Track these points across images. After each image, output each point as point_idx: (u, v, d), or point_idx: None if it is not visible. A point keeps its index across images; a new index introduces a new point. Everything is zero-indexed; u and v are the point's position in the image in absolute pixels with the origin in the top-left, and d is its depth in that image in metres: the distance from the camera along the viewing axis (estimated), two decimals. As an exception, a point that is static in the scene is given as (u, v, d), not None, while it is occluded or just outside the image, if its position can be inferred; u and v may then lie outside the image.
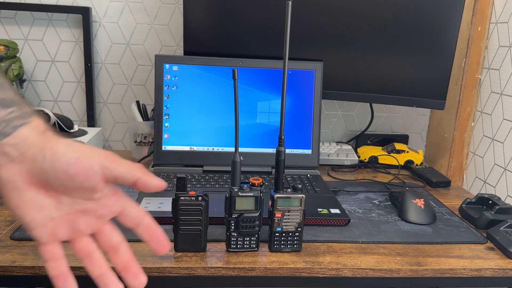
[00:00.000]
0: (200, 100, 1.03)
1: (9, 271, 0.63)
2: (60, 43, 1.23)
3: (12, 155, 0.41)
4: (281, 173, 0.69)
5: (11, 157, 0.41)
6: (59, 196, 0.43)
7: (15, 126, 0.41)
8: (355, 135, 1.34)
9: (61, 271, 0.44)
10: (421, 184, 1.07)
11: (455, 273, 0.70)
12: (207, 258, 0.68)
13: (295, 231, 0.70)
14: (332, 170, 1.14)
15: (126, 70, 1.26)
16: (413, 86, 1.11)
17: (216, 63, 1.02)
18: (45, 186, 0.43)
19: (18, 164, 0.41)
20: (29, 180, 0.42)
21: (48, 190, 0.43)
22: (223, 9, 1.08)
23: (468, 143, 1.22)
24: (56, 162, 0.41)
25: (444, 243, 0.77)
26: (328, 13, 1.07)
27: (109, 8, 1.22)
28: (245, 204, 0.68)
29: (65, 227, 0.44)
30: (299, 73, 1.05)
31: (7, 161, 0.41)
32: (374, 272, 0.68)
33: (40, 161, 0.41)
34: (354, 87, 1.13)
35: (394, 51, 1.09)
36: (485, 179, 1.14)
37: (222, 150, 1.04)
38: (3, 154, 0.41)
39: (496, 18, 1.11)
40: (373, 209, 0.90)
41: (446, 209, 0.92)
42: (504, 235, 0.76)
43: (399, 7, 1.06)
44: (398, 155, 1.19)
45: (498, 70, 1.10)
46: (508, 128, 1.05)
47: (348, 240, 0.76)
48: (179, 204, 0.66)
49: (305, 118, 1.06)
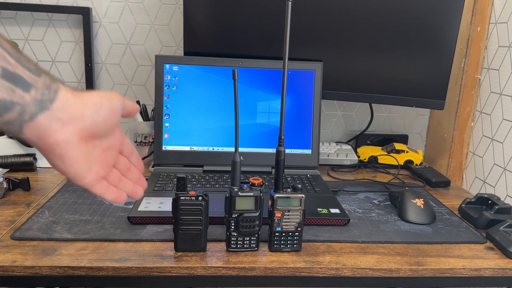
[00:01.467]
0: (200, 100, 1.03)
1: (9, 271, 0.64)
2: (61, 43, 1.23)
3: (64, 119, 0.43)
4: (281, 173, 0.69)
5: (64, 120, 0.43)
6: (93, 141, 0.48)
7: (55, 91, 0.43)
8: (355, 135, 1.34)
9: (116, 193, 0.52)
10: (421, 184, 1.08)
11: (454, 273, 0.70)
12: (207, 258, 0.68)
13: (295, 231, 0.71)
14: (332, 170, 1.15)
15: (127, 70, 1.26)
16: (412, 86, 1.11)
17: (216, 63, 1.03)
18: (87, 137, 0.46)
19: (71, 125, 0.44)
20: (81, 136, 0.45)
21: (88, 139, 0.47)
22: (223, 9, 1.08)
23: (468, 143, 1.22)
24: (101, 112, 0.46)
25: (444, 243, 0.77)
26: (328, 13, 1.07)
27: (109, 9, 1.22)
28: (245, 204, 0.68)
29: (101, 165, 0.50)
30: (299, 73, 1.05)
31: (61, 125, 0.43)
32: (374, 272, 0.69)
33: (89, 116, 0.45)
34: (354, 87, 1.13)
35: (394, 51, 1.09)
36: (485, 179, 1.14)
37: (222, 150, 1.04)
38: (57, 119, 0.43)
39: (496, 18, 1.12)
40: (373, 209, 0.90)
41: (446, 209, 0.92)
42: (503, 235, 0.76)
43: (399, 7, 1.06)
44: (398, 155, 1.19)
45: (498, 70, 1.10)
46: (508, 128, 1.06)
47: (348, 240, 0.76)
48: (179, 204, 0.66)
49: (305, 118, 1.06)
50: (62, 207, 0.83)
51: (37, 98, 0.41)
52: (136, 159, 0.57)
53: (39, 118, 0.42)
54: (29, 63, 0.42)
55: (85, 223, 0.77)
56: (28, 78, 0.41)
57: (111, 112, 0.48)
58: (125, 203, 0.85)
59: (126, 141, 0.55)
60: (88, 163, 0.47)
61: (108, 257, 0.67)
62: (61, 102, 0.43)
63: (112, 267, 0.65)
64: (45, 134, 0.43)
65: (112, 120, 0.48)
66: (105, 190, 0.51)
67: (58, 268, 0.64)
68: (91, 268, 0.64)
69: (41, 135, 0.43)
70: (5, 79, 0.39)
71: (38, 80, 0.42)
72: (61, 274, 0.64)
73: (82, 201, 0.86)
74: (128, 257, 0.67)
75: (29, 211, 0.81)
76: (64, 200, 0.86)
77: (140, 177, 0.57)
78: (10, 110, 0.40)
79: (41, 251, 0.67)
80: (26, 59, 0.42)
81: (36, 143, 0.44)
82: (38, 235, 0.72)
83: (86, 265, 0.65)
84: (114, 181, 0.53)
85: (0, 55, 0.39)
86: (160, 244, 0.71)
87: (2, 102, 0.39)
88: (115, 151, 0.53)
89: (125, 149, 0.55)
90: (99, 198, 0.87)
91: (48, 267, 0.64)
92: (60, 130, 0.43)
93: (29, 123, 0.42)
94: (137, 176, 0.57)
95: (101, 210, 0.82)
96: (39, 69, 0.43)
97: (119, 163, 0.54)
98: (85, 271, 0.65)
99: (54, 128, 0.43)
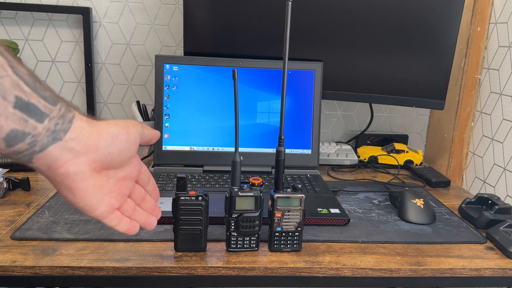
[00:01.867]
0: (200, 100, 1.03)
1: (9, 271, 0.64)
2: (61, 43, 1.23)
3: (76, 149, 0.42)
4: (281, 173, 0.69)
5: (76, 151, 0.42)
6: (107, 172, 0.47)
7: (70, 120, 0.42)
8: (355, 135, 1.34)
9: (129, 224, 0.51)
10: (421, 184, 1.08)
11: (454, 273, 0.70)
12: (207, 258, 0.68)
13: (295, 231, 0.70)
14: (332, 170, 1.15)
15: (126, 70, 1.26)
16: (412, 86, 1.11)
17: (216, 63, 1.03)
18: (100, 168, 0.45)
19: (84, 156, 0.43)
20: (93, 167, 0.44)
21: (101, 170, 0.45)
22: (223, 9, 1.08)
23: (468, 143, 1.22)
24: (116, 143, 0.45)
25: (444, 243, 0.77)
26: (328, 13, 1.07)
27: (109, 8, 1.22)
28: (245, 204, 0.68)
29: (115, 196, 0.49)
30: (299, 73, 1.05)
31: (73, 156, 0.42)
32: (374, 272, 0.69)
33: (104, 146, 0.44)
34: (354, 87, 1.13)
35: (393, 51, 1.09)
36: (485, 179, 1.14)
37: (222, 150, 1.04)
38: (69, 150, 0.42)
39: (496, 18, 1.12)
40: (373, 209, 0.90)
41: (446, 209, 0.92)
42: (503, 235, 0.76)
43: (399, 7, 1.06)
44: (398, 155, 1.19)
45: (498, 70, 1.10)
46: (508, 128, 1.05)
47: (348, 240, 0.76)
48: (179, 204, 0.66)
49: (305, 118, 1.06)
50: (62, 207, 0.83)
51: (50, 128, 0.40)
52: (152, 187, 0.55)
53: (49, 149, 0.40)
54: (46, 90, 0.40)
55: (85, 223, 0.77)
56: (43, 108, 0.39)
57: (127, 143, 0.46)
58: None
59: (143, 170, 0.53)
60: (101, 195, 0.46)
61: (108, 257, 0.67)
62: (75, 132, 0.42)
63: (112, 267, 0.65)
64: (55, 164, 0.41)
65: (128, 151, 0.47)
66: (118, 221, 0.50)
67: (58, 268, 0.64)
68: (91, 268, 0.64)
69: (50, 165, 0.41)
70: (18, 109, 0.38)
71: (53, 109, 0.40)
72: (61, 274, 0.64)
73: (82, 201, 0.86)
74: (128, 257, 0.67)
75: (29, 211, 0.81)
76: (64, 200, 0.86)
77: (155, 206, 0.56)
78: (21, 141, 0.38)
79: (41, 251, 0.67)
80: (42, 87, 0.40)
81: (45, 173, 0.42)
82: (38, 235, 0.72)
83: (86, 265, 0.65)
84: (128, 212, 0.51)
85: (14, 83, 0.37)
86: (160, 244, 0.71)
87: (13, 133, 0.38)
88: (131, 181, 0.51)
89: (142, 178, 0.53)
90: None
91: (48, 267, 0.64)
92: (72, 161, 0.42)
93: (39, 153, 0.40)
94: (152, 205, 0.55)
95: (101, 210, 0.82)
96: (55, 96, 0.41)
97: (134, 192, 0.53)
98: (85, 271, 0.65)
99: (65, 159, 0.41)
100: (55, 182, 0.43)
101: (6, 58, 0.37)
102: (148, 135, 0.51)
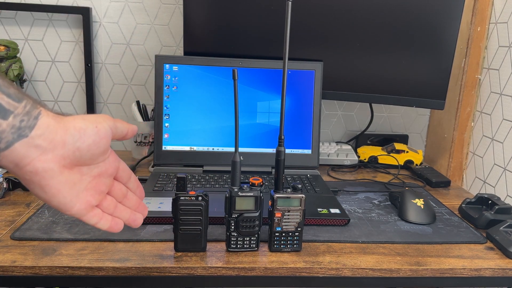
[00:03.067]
0: (200, 100, 1.03)
1: (9, 271, 0.64)
2: (60, 43, 1.23)
3: (43, 146, 0.41)
4: (281, 173, 0.69)
5: (42, 148, 0.41)
6: (81, 169, 0.46)
7: (35, 117, 0.41)
8: (355, 135, 1.34)
9: (111, 221, 0.50)
10: (421, 184, 1.07)
11: (454, 273, 0.70)
12: (207, 258, 0.68)
13: (295, 231, 0.70)
14: (332, 170, 1.15)
15: (126, 70, 1.26)
16: (413, 86, 1.11)
17: (216, 63, 1.02)
18: (71, 164, 0.44)
19: (51, 152, 0.42)
20: (63, 163, 0.43)
21: (72, 167, 0.44)
22: (223, 9, 1.08)
23: (468, 143, 1.22)
24: (84, 137, 0.44)
25: (444, 243, 0.77)
26: (328, 13, 1.07)
27: (109, 8, 1.22)
28: (245, 204, 0.68)
29: (92, 193, 0.48)
30: (299, 73, 1.05)
31: (40, 153, 0.41)
32: (374, 272, 0.68)
33: (71, 142, 0.43)
34: (354, 87, 1.13)
35: (394, 51, 1.09)
36: (485, 179, 1.14)
37: (222, 150, 1.04)
38: (35, 146, 0.41)
39: (496, 18, 1.11)
40: (373, 209, 0.90)
41: (446, 209, 0.92)
42: (503, 235, 0.76)
43: (399, 7, 1.06)
44: (398, 155, 1.19)
45: (498, 70, 1.10)
46: (508, 128, 1.05)
47: (348, 240, 0.76)
48: (179, 204, 0.66)
49: (305, 118, 1.06)
50: (62, 207, 0.83)
51: (15, 125, 0.39)
52: (135, 184, 0.54)
53: (15, 145, 0.40)
54: (10, 87, 0.40)
55: (84, 223, 0.76)
56: (6, 104, 0.39)
57: (96, 138, 0.45)
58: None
59: (122, 166, 0.52)
60: (75, 192, 0.45)
61: (108, 257, 0.67)
62: (41, 129, 0.41)
63: (112, 267, 0.65)
64: (22, 162, 0.41)
65: (98, 146, 0.45)
66: (99, 219, 0.49)
67: (58, 268, 0.64)
68: (91, 268, 0.64)
69: (17, 163, 0.41)
70: None
71: (18, 106, 0.40)
72: (61, 274, 0.64)
73: (82, 201, 0.86)
74: (128, 257, 0.67)
75: (29, 211, 0.81)
76: (64, 200, 0.86)
77: (140, 203, 0.55)
78: None
79: (41, 251, 0.67)
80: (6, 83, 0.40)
81: (14, 171, 0.42)
82: (38, 235, 0.72)
83: (86, 265, 0.65)
84: (109, 209, 0.51)
85: None
86: (160, 244, 0.71)
87: None
88: (108, 177, 0.50)
89: (121, 175, 0.52)
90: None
91: (48, 267, 0.64)
92: (39, 158, 0.41)
93: (5, 151, 0.40)
94: (136, 202, 0.54)
95: (101, 210, 0.82)
96: (20, 93, 0.41)
97: (114, 189, 0.51)
98: (85, 271, 0.65)
99: (32, 156, 0.41)
100: (25, 181, 0.43)
101: None
102: (122, 129, 0.49)
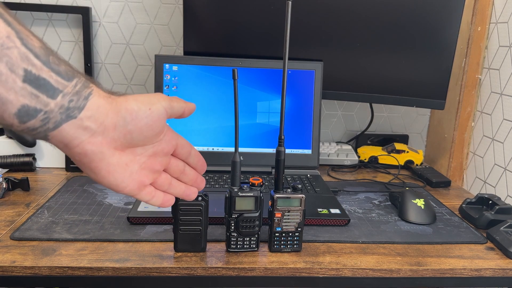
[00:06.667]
0: (200, 100, 1.03)
1: (9, 271, 0.64)
2: (60, 43, 1.23)
3: (92, 128, 0.40)
4: (281, 173, 0.69)
5: (92, 130, 0.40)
6: (134, 150, 0.45)
7: (85, 97, 0.39)
8: (355, 135, 1.33)
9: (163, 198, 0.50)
10: (421, 184, 1.07)
11: (455, 273, 0.70)
12: (207, 258, 0.68)
13: (295, 231, 0.70)
14: (332, 170, 1.14)
15: (126, 70, 1.26)
16: (413, 86, 1.11)
17: (216, 63, 1.02)
18: (122, 146, 0.43)
19: (101, 135, 0.41)
20: (113, 145, 0.42)
21: (124, 148, 0.43)
22: (223, 9, 1.08)
23: (468, 143, 1.22)
24: (136, 120, 0.42)
25: (444, 243, 0.77)
26: (328, 13, 1.07)
27: (109, 8, 1.22)
28: (245, 204, 0.68)
29: (146, 173, 0.47)
30: (299, 73, 1.05)
31: (89, 135, 0.40)
32: (374, 272, 0.68)
33: (122, 125, 0.42)
34: (354, 87, 1.13)
35: (394, 51, 1.09)
36: (485, 179, 1.14)
37: (222, 150, 1.03)
38: (84, 128, 0.40)
39: (496, 18, 1.11)
40: (373, 209, 0.90)
41: (446, 209, 0.92)
42: (504, 235, 0.76)
43: (399, 7, 1.06)
44: (398, 155, 1.19)
45: (498, 70, 1.10)
46: (508, 128, 1.05)
47: (348, 240, 0.76)
48: (179, 204, 0.66)
49: (305, 118, 1.05)
50: (62, 207, 0.83)
51: (64, 105, 0.38)
52: (195, 159, 0.53)
53: (63, 126, 0.38)
54: (61, 64, 0.38)
55: (84, 223, 0.76)
56: (55, 83, 0.37)
57: (149, 120, 0.43)
58: (124, 203, 0.85)
59: (180, 143, 0.50)
60: (127, 173, 0.44)
61: (108, 258, 0.66)
62: (91, 110, 0.39)
63: (111, 267, 0.65)
64: (71, 143, 0.40)
65: (152, 129, 0.44)
66: (151, 197, 0.48)
67: (57, 269, 0.64)
68: (91, 269, 0.64)
69: (66, 144, 0.40)
70: (27, 83, 0.36)
71: (67, 85, 0.38)
72: (60, 274, 0.64)
73: (82, 201, 0.86)
74: (127, 257, 0.67)
75: (28, 211, 0.81)
76: (64, 200, 0.86)
77: (197, 177, 0.54)
78: (33, 118, 0.37)
79: (40, 251, 0.67)
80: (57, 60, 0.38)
81: (64, 151, 0.41)
82: (37, 235, 0.72)
83: (86, 265, 0.64)
84: (163, 186, 0.50)
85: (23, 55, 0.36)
86: (159, 245, 0.71)
87: (25, 108, 0.36)
88: (164, 156, 0.48)
89: (179, 152, 0.51)
90: (99, 198, 0.87)
91: (47, 267, 0.64)
92: (88, 141, 0.40)
93: (53, 131, 0.38)
94: (193, 177, 0.54)
95: (100, 210, 0.82)
96: (71, 71, 0.39)
97: (171, 166, 0.50)
98: (85, 271, 0.65)
99: (81, 138, 0.40)
100: (75, 161, 0.42)
101: (14, 29, 0.36)
102: (178, 109, 0.47)
